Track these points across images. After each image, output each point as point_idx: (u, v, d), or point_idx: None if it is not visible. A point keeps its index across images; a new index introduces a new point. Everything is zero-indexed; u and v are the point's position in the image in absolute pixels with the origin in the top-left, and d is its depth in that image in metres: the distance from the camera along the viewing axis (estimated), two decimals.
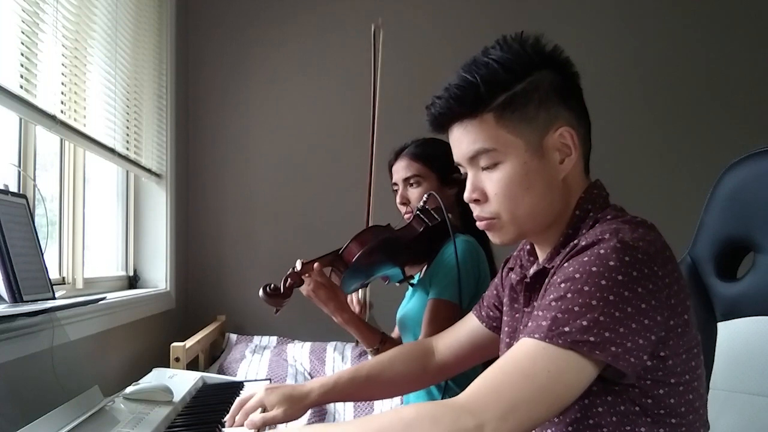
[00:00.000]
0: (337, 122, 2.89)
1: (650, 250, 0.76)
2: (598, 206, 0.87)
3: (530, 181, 0.85)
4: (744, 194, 1.08)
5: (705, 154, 2.54)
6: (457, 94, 0.86)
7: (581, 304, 0.73)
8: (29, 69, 1.43)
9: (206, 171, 2.93)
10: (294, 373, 2.33)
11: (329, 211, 2.79)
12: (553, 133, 0.85)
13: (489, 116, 0.85)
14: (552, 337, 0.72)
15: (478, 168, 0.88)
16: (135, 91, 2.26)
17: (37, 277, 1.21)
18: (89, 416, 1.05)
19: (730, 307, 1.08)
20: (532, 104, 0.84)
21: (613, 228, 0.78)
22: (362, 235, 1.40)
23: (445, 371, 1.16)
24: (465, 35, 2.89)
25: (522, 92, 0.84)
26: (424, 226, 1.45)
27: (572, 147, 0.86)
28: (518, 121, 0.84)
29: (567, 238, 0.87)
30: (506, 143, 0.85)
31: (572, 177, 0.88)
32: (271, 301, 1.31)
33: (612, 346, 0.72)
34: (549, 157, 0.86)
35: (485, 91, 0.84)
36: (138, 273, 2.49)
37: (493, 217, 0.88)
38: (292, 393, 1.06)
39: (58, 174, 1.85)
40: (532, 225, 0.88)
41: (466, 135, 0.87)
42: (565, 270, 0.77)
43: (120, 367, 1.94)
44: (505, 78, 0.84)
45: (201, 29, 2.93)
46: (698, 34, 2.88)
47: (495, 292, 1.10)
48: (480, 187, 0.88)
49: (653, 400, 0.78)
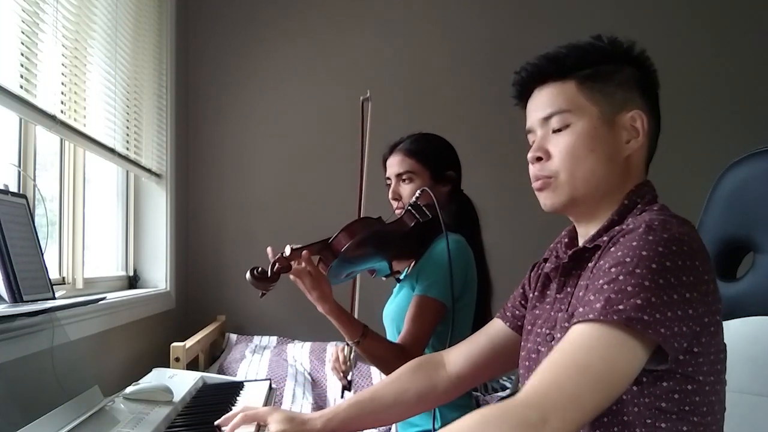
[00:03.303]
0: (337, 122, 2.89)
1: (695, 246, 0.79)
2: (647, 200, 0.90)
3: (595, 145, 0.89)
4: (744, 194, 1.08)
5: (705, 154, 2.53)
6: (550, 57, 0.93)
7: (634, 284, 0.75)
8: (29, 69, 1.43)
9: (206, 171, 2.93)
10: (294, 373, 2.33)
11: (329, 210, 2.78)
12: (626, 113, 0.90)
13: (572, 82, 0.91)
14: (606, 315, 0.73)
15: (549, 130, 0.92)
16: (135, 91, 2.26)
17: (37, 277, 1.21)
18: (89, 416, 1.05)
19: (730, 307, 1.08)
20: (613, 82, 0.90)
21: (661, 218, 0.80)
22: (352, 226, 1.38)
23: (458, 385, 1.10)
24: (460, 35, 2.90)
25: (605, 71, 0.91)
26: (415, 221, 1.45)
27: (641, 131, 0.90)
28: (597, 91, 0.90)
29: (611, 224, 0.88)
30: (582, 107, 0.90)
31: (634, 160, 0.91)
32: (257, 284, 1.30)
33: (662, 328, 0.73)
34: (618, 133, 0.90)
35: (574, 60, 0.91)
36: (138, 273, 2.49)
37: (551, 175, 0.91)
38: (294, 416, 1.03)
39: (58, 174, 1.85)
40: (586, 191, 0.90)
41: (547, 96, 0.93)
42: (614, 255, 0.79)
43: (120, 367, 1.94)
44: (594, 56, 0.92)
45: (201, 29, 2.93)
46: (698, 34, 2.88)
47: (521, 290, 1.09)
48: (544, 147, 0.92)
49: (680, 395, 0.79)
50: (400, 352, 1.38)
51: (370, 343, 1.39)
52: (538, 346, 0.94)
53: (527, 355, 0.97)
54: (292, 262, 1.33)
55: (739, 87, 2.84)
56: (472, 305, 1.51)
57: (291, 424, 1.01)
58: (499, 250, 1.71)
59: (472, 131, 2.76)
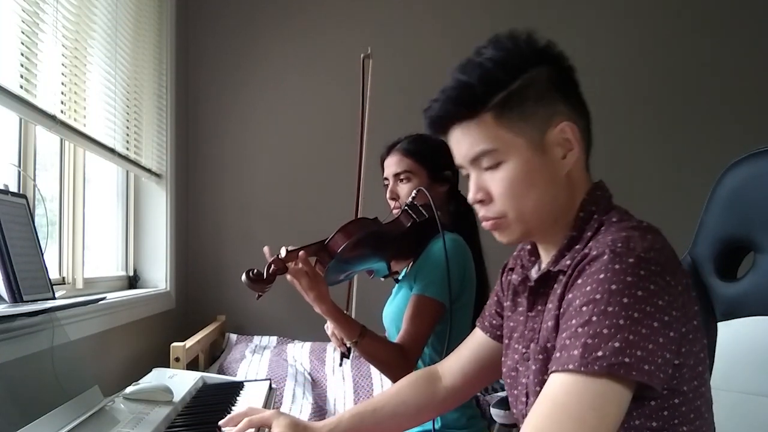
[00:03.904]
0: (336, 122, 2.89)
1: (661, 259, 0.75)
2: (602, 208, 0.86)
3: (534, 179, 0.84)
4: (744, 194, 1.08)
5: (705, 154, 2.53)
6: (454, 96, 0.85)
7: (609, 325, 0.72)
8: (29, 69, 1.43)
9: (206, 171, 2.93)
10: (294, 373, 2.33)
11: (329, 210, 2.78)
12: (554, 129, 0.84)
13: (487, 116, 0.84)
14: (587, 365, 0.71)
15: (481, 169, 0.87)
16: (135, 91, 2.26)
17: (37, 277, 1.21)
18: (89, 416, 1.05)
19: (730, 307, 1.08)
20: (530, 101, 0.83)
21: (623, 236, 0.77)
22: (348, 227, 1.38)
23: (456, 396, 1.11)
24: (459, 34, 2.90)
25: (518, 89, 0.83)
26: (412, 221, 1.45)
27: (574, 141, 0.85)
28: (517, 119, 0.83)
29: (571, 241, 0.86)
30: (507, 142, 0.84)
31: (575, 172, 0.87)
32: (253, 286, 1.30)
33: (645, 365, 0.71)
34: (551, 153, 0.85)
35: (481, 90, 0.83)
36: (138, 273, 2.49)
37: (499, 216, 0.87)
38: (298, 423, 1.03)
39: (58, 174, 1.85)
40: (539, 222, 0.87)
41: (466, 137, 0.86)
42: (582, 289, 0.76)
43: (120, 367, 1.94)
44: (501, 76, 0.83)
45: (201, 29, 2.93)
46: (699, 34, 2.88)
47: (496, 298, 1.08)
48: (484, 187, 0.87)
49: (669, 411, 0.78)
50: (398, 351, 1.38)
51: (369, 343, 1.39)
52: (516, 364, 0.93)
53: (508, 372, 0.96)
54: (288, 263, 1.33)
55: (739, 87, 2.84)
56: (471, 304, 1.51)
57: (294, 430, 1.01)
58: (497, 251, 1.70)
59: None
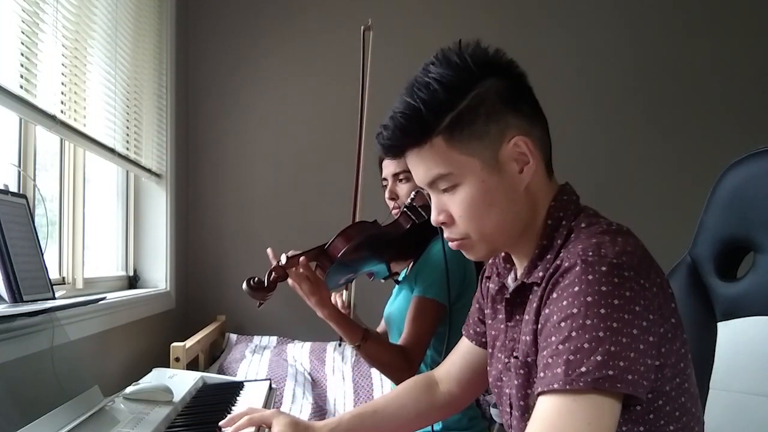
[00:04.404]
0: (337, 121, 2.89)
1: (634, 263, 0.75)
2: (570, 213, 0.86)
3: (492, 198, 0.84)
4: (744, 194, 1.08)
5: (705, 154, 2.53)
6: (403, 124, 0.84)
7: (589, 339, 0.71)
8: (29, 69, 1.43)
9: (206, 171, 2.93)
10: (294, 373, 2.33)
11: (329, 210, 2.79)
12: (507, 144, 0.83)
13: (438, 140, 0.82)
14: (571, 382, 0.70)
15: (439, 191, 0.87)
16: (135, 91, 2.26)
17: (37, 277, 1.21)
18: (89, 416, 1.05)
19: (730, 307, 1.08)
20: (480, 119, 0.82)
21: (593, 243, 0.76)
22: (348, 231, 1.39)
23: (454, 402, 1.12)
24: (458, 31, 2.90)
25: (467, 109, 0.82)
26: (411, 223, 1.45)
27: (529, 154, 0.83)
28: (469, 139, 0.82)
29: (543, 250, 0.85)
30: (461, 165, 0.83)
31: (535, 184, 0.86)
32: (254, 295, 1.30)
33: (629, 374, 0.71)
34: (507, 170, 0.84)
35: (429, 115, 0.82)
36: (138, 273, 2.49)
37: (463, 237, 0.88)
38: (299, 422, 1.03)
39: (58, 174, 1.85)
40: (503, 239, 0.88)
41: (420, 162, 0.85)
42: (558, 304, 0.75)
43: (120, 367, 1.94)
44: (448, 98, 0.82)
45: (201, 29, 2.93)
46: (698, 34, 2.88)
47: (477, 305, 1.08)
48: (444, 209, 0.87)
49: (654, 414, 0.78)
50: (401, 353, 1.39)
51: (371, 346, 1.39)
52: (500, 374, 0.94)
53: (494, 382, 0.97)
54: (289, 269, 1.33)
55: (738, 87, 2.84)
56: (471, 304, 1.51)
57: (296, 429, 1.01)
58: None
59: None
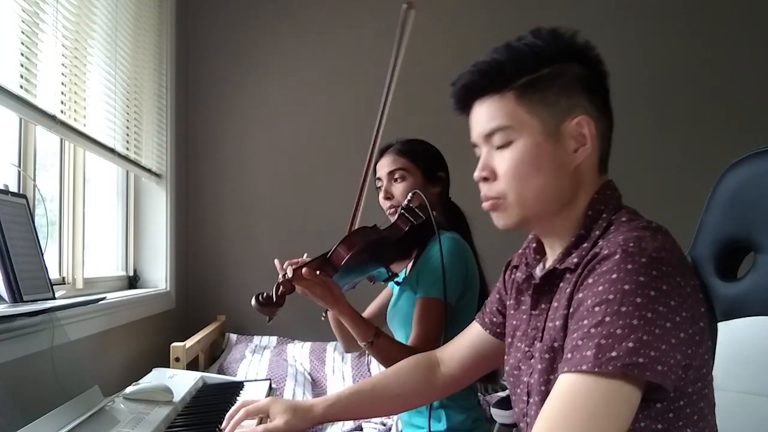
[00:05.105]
0: (337, 122, 2.89)
1: (673, 260, 0.76)
2: (611, 207, 0.86)
3: (540, 163, 0.85)
4: (744, 194, 1.08)
5: (705, 154, 2.53)
6: (483, 69, 0.87)
7: (622, 325, 0.72)
8: (29, 69, 1.43)
9: (206, 171, 2.93)
10: (294, 373, 2.33)
11: (329, 210, 2.78)
12: (571, 121, 0.85)
13: (510, 94, 0.86)
14: (601, 365, 0.71)
15: (492, 147, 0.88)
16: (135, 91, 2.26)
17: (37, 277, 1.21)
18: (89, 416, 1.05)
19: (730, 307, 1.08)
20: (554, 89, 0.85)
21: (634, 236, 0.77)
22: (350, 238, 1.39)
23: (452, 383, 1.13)
24: (462, 33, 2.90)
25: (546, 76, 0.85)
26: (409, 224, 1.45)
27: (588, 137, 0.85)
28: (538, 103, 0.85)
29: (579, 239, 0.85)
30: (523, 122, 0.85)
31: (585, 169, 0.87)
32: (264, 310, 1.30)
33: (658, 365, 0.71)
34: (563, 144, 0.85)
35: (510, 69, 0.85)
36: (138, 273, 2.49)
37: (499, 196, 0.87)
38: (296, 405, 1.05)
39: (58, 174, 1.85)
40: (538, 209, 0.87)
41: (486, 111, 0.88)
42: (594, 289, 0.76)
43: (120, 367, 1.94)
44: (532, 61, 0.85)
45: (201, 29, 2.93)
46: (699, 34, 2.88)
47: (498, 296, 1.08)
48: (490, 166, 0.88)
49: (674, 413, 0.78)
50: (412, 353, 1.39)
51: (383, 344, 1.39)
52: (519, 363, 0.94)
53: (511, 371, 0.96)
54: (295, 281, 1.33)
55: (738, 87, 2.84)
56: (475, 301, 1.51)
57: (294, 414, 1.02)
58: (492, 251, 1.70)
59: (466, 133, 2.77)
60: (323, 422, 1.10)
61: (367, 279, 1.54)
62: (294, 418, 1.02)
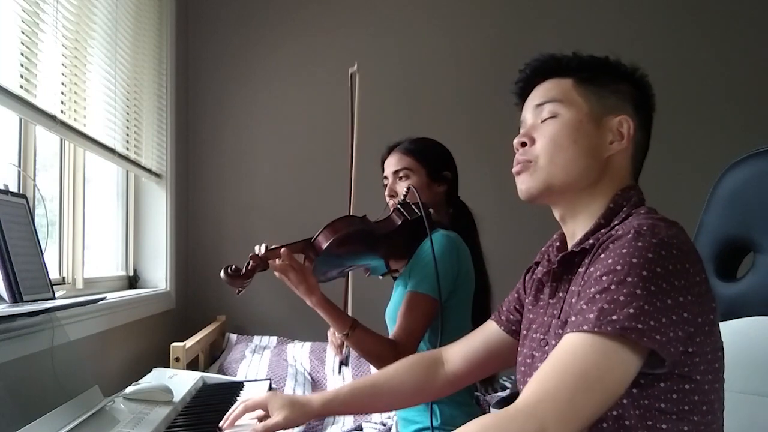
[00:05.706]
0: (337, 122, 2.88)
1: (684, 248, 0.80)
2: (632, 203, 0.91)
3: (578, 137, 0.91)
4: (744, 194, 1.08)
5: (705, 153, 2.54)
6: (553, 55, 0.98)
7: (626, 293, 0.75)
8: (29, 69, 1.43)
9: (206, 171, 2.93)
10: (294, 373, 2.33)
11: (329, 210, 2.77)
12: (615, 117, 0.92)
13: (569, 81, 0.95)
14: (601, 326, 0.74)
15: (538, 119, 0.95)
16: (135, 91, 2.26)
17: (37, 277, 1.21)
18: (89, 416, 1.05)
19: (730, 307, 1.08)
20: (608, 89, 0.94)
21: (650, 223, 0.81)
22: (334, 224, 1.40)
23: (455, 382, 1.13)
24: (462, 34, 2.90)
25: (604, 79, 0.95)
26: (403, 219, 1.46)
27: (626, 135, 0.92)
28: (591, 93, 0.93)
29: (598, 227, 0.89)
30: (572, 100, 0.93)
31: (616, 162, 0.92)
32: (231, 281, 1.31)
33: (657, 335, 0.74)
34: (602, 133, 0.92)
35: (575, 63, 0.96)
36: (138, 273, 2.49)
37: (531, 159, 0.93)
38: (295, 399, 1.06)
39: (58, 174, 1.85)
40: (563, 179, 0.91)
41: (544, 88, 0.96)
42: (604, 262, 0.80)
43: (120, 367, 1.94)
44: (596, 64, 0.96)
45: (201, 29, 2.93)
46: (699, 34, 2.88)
47: (516, 295, 1.10)
48: (531, 134, 0.95)
49: (678, 395, 0.80)
50: (392, 346, 1.39)
51: (360, 336, 1.39)
52: (533, 351, 0.95)
53: (523, 360, 0.98)
54: (270, 260, 1.34)
55: (738, 87, 2.84)
56: (469, 301, 1.51)
57: (293, 409, 1.03)
58: (498, 252, 1.71)
59: (473, 133, 2.77)
60: (321, 416, 1.10)
61: (363, 270, 1.55)
62: (293, 413, 1.03)
